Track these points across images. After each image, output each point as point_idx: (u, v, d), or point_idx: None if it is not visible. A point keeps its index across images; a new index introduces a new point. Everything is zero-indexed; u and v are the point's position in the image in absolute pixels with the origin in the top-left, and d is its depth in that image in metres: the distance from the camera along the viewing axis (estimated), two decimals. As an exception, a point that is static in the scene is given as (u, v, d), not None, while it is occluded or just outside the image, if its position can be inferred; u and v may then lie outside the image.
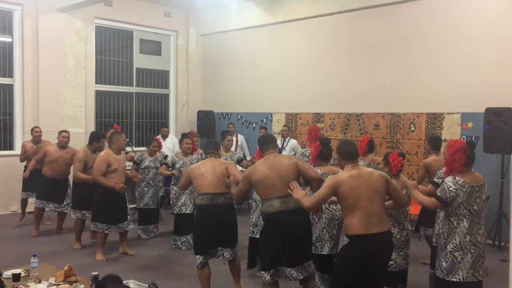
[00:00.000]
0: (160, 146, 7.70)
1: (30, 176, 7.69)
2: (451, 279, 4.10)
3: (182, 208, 6.84)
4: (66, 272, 4.18)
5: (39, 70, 9.28)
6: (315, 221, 4.88)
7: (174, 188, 6.92)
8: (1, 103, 9.22)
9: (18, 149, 8.99)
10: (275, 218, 4.17)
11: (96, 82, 10.26)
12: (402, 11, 8.30)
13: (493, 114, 6.84)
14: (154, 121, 11.50)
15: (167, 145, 9.72)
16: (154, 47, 11.44)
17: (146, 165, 7.39)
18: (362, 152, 6.33)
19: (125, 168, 6.47)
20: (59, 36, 9.48)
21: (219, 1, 10.54)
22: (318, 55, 9.55)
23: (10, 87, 9.27)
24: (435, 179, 5.07)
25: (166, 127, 10.09)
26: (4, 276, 3.68)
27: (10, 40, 9.27)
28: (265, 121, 10.46)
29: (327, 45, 9.40)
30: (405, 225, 4.71)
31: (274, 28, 10.26)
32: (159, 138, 8.49)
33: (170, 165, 6.97)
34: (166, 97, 11.70)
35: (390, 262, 4.29)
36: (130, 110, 11.04)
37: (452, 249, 4.10)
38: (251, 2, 10.46)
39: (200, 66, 11.88)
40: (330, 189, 3.71)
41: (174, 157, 7.07)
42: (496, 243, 6.97)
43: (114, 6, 10.31)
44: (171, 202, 6.96)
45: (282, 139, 9.23)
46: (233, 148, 9.35)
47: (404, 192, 4.59)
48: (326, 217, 4.86)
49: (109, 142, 6.79)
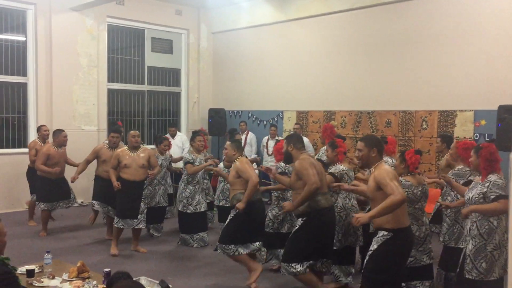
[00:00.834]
0: (170, 145, 7.72)
1: (33, 177, 7.71)
2: (489, 279, 3.98)
3: (197, 207, 6.85)
4: (79, 268, 4.23)
5: (52, 68, 9.37)
6: (342, 219, 5.13)
7: (190, 187, 6.85)
8: (15, 102, 9.34)
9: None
10: (322, 214, 4.56)
11: (108, 81, 10.34)
12: (414, 8, 8.24)
13: (506, 112, 6.73)
14: (165, 119, 11.55)
15: (176, 143, 9.74)
16: (165, 46, 11.48)
17: (159, 163, 7.38)
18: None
19: (141, 165, 6.49)
20: (72, 35, 9.57)
21: (230, -1, 10.56)
22: (329, 53, 9.52)
23: (24, 86, 9.37)
24: (462, 181, 4.84)
25: (174, 127, 10.07)
26: (18, 272, 3.73)
27: (24, 39, 9.37)
28: (276, 119, 10.45)
29: (338, 42, 9.37)
30: (423, 220, 4.70)
31: (285, 25, 10.25)
32: (168, 137, 8.51)
33: (192, 162, 6.81)
34: (177, 95, 11.75)
35: (410, 258, 4.37)
36: (142, 108, 11.11)
37: (492, 249, 3.98)
38: (262, 0, 10.45)
39: (211, 64, 11.90)
40: (396, 180, 3.83)
41: (188, 155, 6.98)
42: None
43: (126, 5, 10.37)
44: (185, 201, 6.88)
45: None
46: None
47: (420, 189, 4.58)
48: (353, 214, 5.07)
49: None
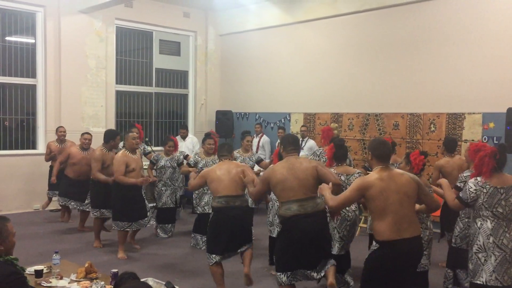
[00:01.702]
0: (176, 146, 7.74)
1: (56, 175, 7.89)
2: (476, 281, 4.03)
3: (206, 207, 6.86)
4: (87, 269, 4.25)
5: (61, 70, 9.44)
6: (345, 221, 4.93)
7: None
8: (24, 103, 9.41)
9: (41, 148, 9.19)
10: (293, 221, 4.14)
11: (116, 82, 10.40)
12: (422, 10, 8.21)
13: (515, 114, 6.72)
14: (173, 121, 11.59)
15: (187, 145, 9.77)
16: (173, 48, 11.53)
17: (163, 164, 7.43)
18: None
19: (141, 167, 6.54)
20: (80, 37, 9.64)
21: (238, 1, 10.56)
22: (337, 55, 9.51)
23: (33, 88, 9.45)
24: (458, 183, 4.88)
25: (185, 128, 10.09)
26: (27, 272, 3.75)
27: (33, 41, 9.45)
28: (283, 121, 10.45)
29: (346, 44, 9.35)
30: (427, 224, 4.67)
31: (292, 28, 10.25)
32: (176, 139, 8.53)
33: (193, 165, 6.95)
34: (185, 97, 11.79)
35: None
36: (150, 110, 11.15)
37: (476, 250, 4.05)
38: (269, 2, 10.46)
39: (218, 66, 11.93)
40: (358, 191, 3.57)
41: (196, 157, 7.04)
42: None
43: (134, 7, 10.43)
44: (194, 202, 6.95)
45: (301, 139, 9.22)
46: (254, 148, 9.36)
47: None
48: (338, 217, 4.86)
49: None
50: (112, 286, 3.79)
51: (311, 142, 9.28)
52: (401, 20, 8.49)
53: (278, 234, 4.43)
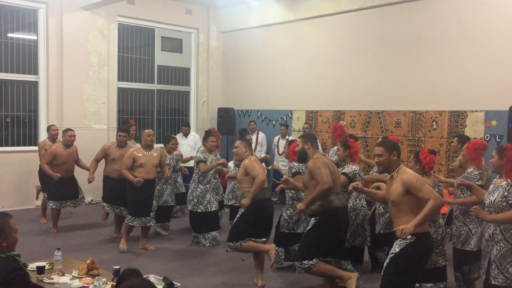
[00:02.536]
0: (176, 144, 7.74)
1: (43, 176, 7.67)
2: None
3: (208, 206, 6.86)
4: (89, 265, 4.26)
5: (63, 67, 9.44)
6: (352, 219, 5.25)
7: (201, 186, 6.85)
8: (26, 100, 9.42)
9: (43, 145, 9.17)
10: (335, 214, 4.57)
11: (118, 79, 10.39)
12: (424, 8, 8.19)
13: (517, 112, 6.70)
14: (175, 118, 11.59)
15: (189, 142, 9.77)
16: (175, 45, 11.52)
17: (167, 162, 7.42)
18: None
19: (155, 164, 6.54)
20: (83, 34, 9.63)
21: (240, -2, 10.57)
22: (339, 53, 9.49)
23: (35, 84, 9.45)
24: (477, 183, 4.55)
25: (187, 126, 10.07)
26: (29, 268, 3.76)
27: (35, 38, 9.45)
28: (285, 118, 10.44)
29: (348, 42, 9.34)
30: (440, 222, 4.69)
31: (295, 25, 10.23)
32: (177, 137, 8.48)
33: (204, 161, 6.83)
34: (187, 94, 11.79)
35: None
36: (152, 107, 11.15)
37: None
38: (272, -1, 10.46)
39: (220, 64, 11.92)
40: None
41: (200, 154, 7.00)
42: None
43: (136, 4, 10.42)
44: (196, 200, 6.90)
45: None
46: (252, 145, 9.33)
47: (436, 190, 4.52)
48: (363, 214, 5.34)
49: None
50: (114, 283, 3.80)
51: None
52: (403, 17, 8.47)
53: (319, 224, 4.62)
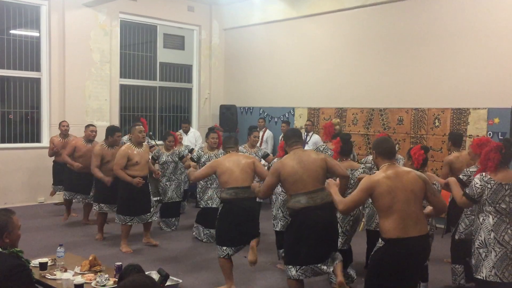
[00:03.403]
0: (176, 141, 7.71)
1: (59, 169, 7.96)
2: (477, 276, 4.05)
3: (209, 202, 6.87)
4: (91, 262, 4.28)
5: (65, 64, 9.45)
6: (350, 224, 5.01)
7: (201, 182, 6.89)
8: (28, 97, 9.43)
9: (45, 142, 9.20)
10: (303, 214, 4.13)
11: (120, 76, 10.40)
12: (427, 4, 8.16)
13: (520, 110, 6.68)
14: (177, 115, 11.59)
15: (189, 139, 9.79)
16: (177, 42, 11.52)
17: (164, 160, 7.44)
18: None
19: (147, 161, 6.53)
20: (85, 31, 9.64)
21: (242, -5, 10.55)
22: (341, 50, 9.47)
23: (38, 81, 9.46)
24: (460, 176, 4.86)
25: (187, 123, 10.14)
26: (32, 264, 3.77)
27: (38, 35, 9.45)
28: (287, 115, 10.44)
29: (350, 39, 9.32)
30: (428, 220, 4.66)
31: (297, 22, 10.21)
32: (179, 133, 8.51)
33: (196, 159, 6.97)
34: (189, 91, 11.79)
35: None
36: (154, 104, 11.16)
37: (478, 245, 4.07)
38: (274, -4, 10.44)
39: (222, 61, 11.91)
40: (365, 192, 3.52)
41: (200, 151, 7.07)
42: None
43: (139, 1, 10.41)
44: (198, 196, 6.96)
45: (306, 134, 9.22)
46: (258, 143, 9.35)
47: None
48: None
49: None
50: (116, 279, 3.82)
51: (316, 137, 9.26)
52: (406, 15, 8.45)
53: (288, 227, 4.41)
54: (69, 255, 4.69)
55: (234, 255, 5.03)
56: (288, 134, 4.52)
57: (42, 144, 9.28)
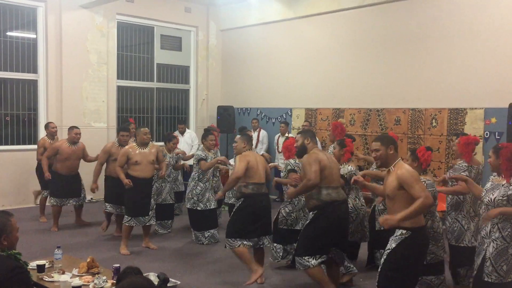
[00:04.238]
0: (177, 142, 7.76)
1: (42, 173, 7.62)
2: (507, 280, 3.95)
3: (207, 204, 6.86)
4: (89, 263, 4.27)
5: (62, 66, 9.43)
6: (353, 219, 5.32)
7: (200, 184, 6.86)
8: (25, 98, 9.41)
9: (42, 143, 9.16)
10: (333, 206, 4.53)
11: (117, 78, 10.39)
12: (424, 5, 8.18)
13: (517, 110, 6.70)
14: (174, 116, 11.58)
15: (186, 140, 9.77)
16: (174, 43, 11.51)
17: (168, 161, 7.41)
18: None
19: (151, 162, 6.50)
20: (82, 32, 9.62)
21: (239, -4, 10.55)
22: (338, 50, 9.48)
23: (35, 83, 9.45)
24: (462, 173, 4.78)
25: (183, 124, 10.15)
26: (29, 267, 3.76)
27: (34, 36, 9.44)
28: (284, 116, 10.44)
29: (347, 40, 9.33)
30: (437, 216, 4.67)
31: (294, 23, 10.22)
32: (177, 135, 8.48)
33: (205, 159, 6.84)
34: (186, 92, 11.78)
35: (431, 255, 4.44)
36: (151, 105, 11.15)
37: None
38: (271, -3, 10.44)
39: (220, 62, 11.91)
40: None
41: (201, 152, 7.03)
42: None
43: (136, 2, 10.41)
44: (196, 198, 6.89)
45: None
46: (254, 143, 9.33)
47: (431, 189, 4.46)
48: (363, 213, 5.41)
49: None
50: (114, 281, 3.81)
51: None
52: (402, 15, 8.47)
53: (312, 220, 4.61)
54: (66, 257, 4.67)
55: (233, 255, 5.15)
56: (310, 134, 4.90)
57: (40, 146, 9.25)
